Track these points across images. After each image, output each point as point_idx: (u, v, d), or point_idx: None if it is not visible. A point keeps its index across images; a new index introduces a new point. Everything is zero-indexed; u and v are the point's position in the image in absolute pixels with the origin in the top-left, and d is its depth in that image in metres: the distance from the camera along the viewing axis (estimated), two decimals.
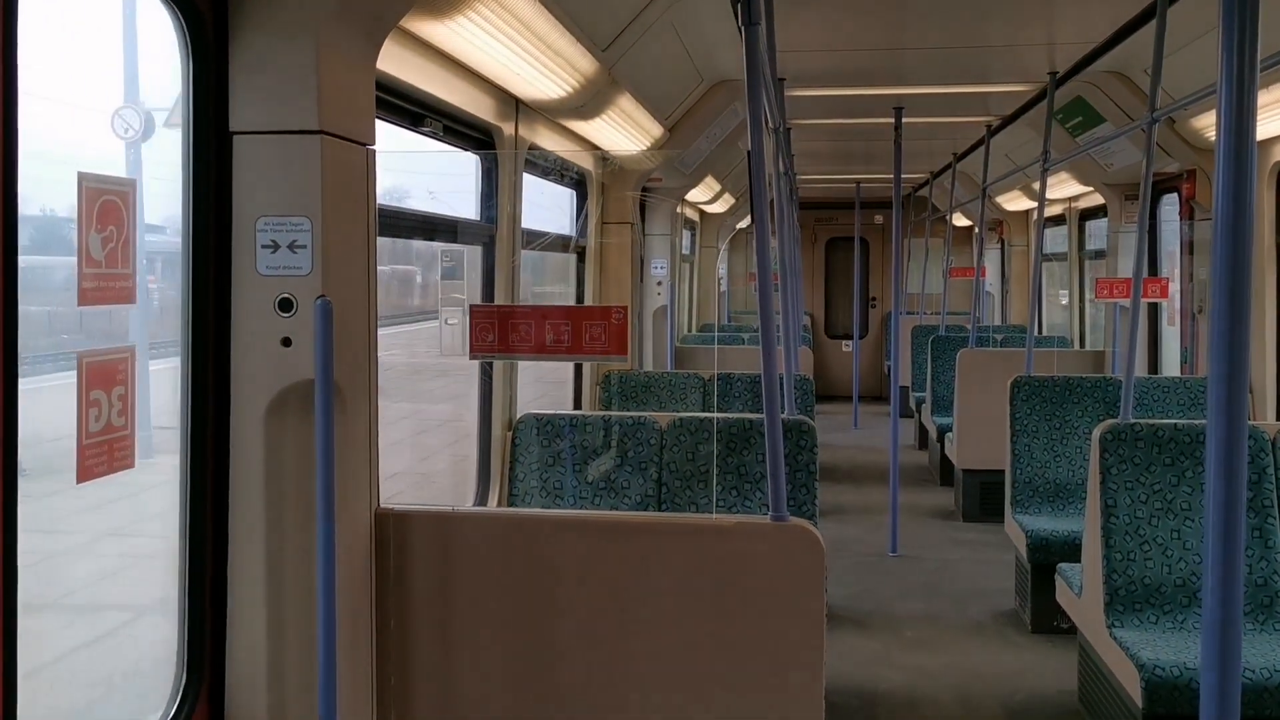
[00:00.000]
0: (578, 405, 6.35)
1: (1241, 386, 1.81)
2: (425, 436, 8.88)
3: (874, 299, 16.92)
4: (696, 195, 10.67)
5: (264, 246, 2.48)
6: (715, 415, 5.14)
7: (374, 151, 2.74)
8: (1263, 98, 5.05)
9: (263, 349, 2.51)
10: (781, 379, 5.02)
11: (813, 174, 12.79)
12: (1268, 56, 3.64)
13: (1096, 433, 4.42)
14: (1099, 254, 9.97)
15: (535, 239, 5.45)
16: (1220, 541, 1.79)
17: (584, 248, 6.48)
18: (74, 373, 2.04)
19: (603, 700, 2.84)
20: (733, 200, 12.22)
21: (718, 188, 10.91)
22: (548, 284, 7.03)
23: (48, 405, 2.18)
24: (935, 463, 9.91)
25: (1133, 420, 4.47)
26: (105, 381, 2.11)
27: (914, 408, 11.67)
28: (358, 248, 2.66)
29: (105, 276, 2.11)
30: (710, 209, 12.54)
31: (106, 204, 2.11)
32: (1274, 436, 4.28)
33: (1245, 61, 1.76)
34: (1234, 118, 1.75)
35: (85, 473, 2.07)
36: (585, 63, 4.42)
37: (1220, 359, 1.78)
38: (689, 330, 12.20)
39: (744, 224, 13.95)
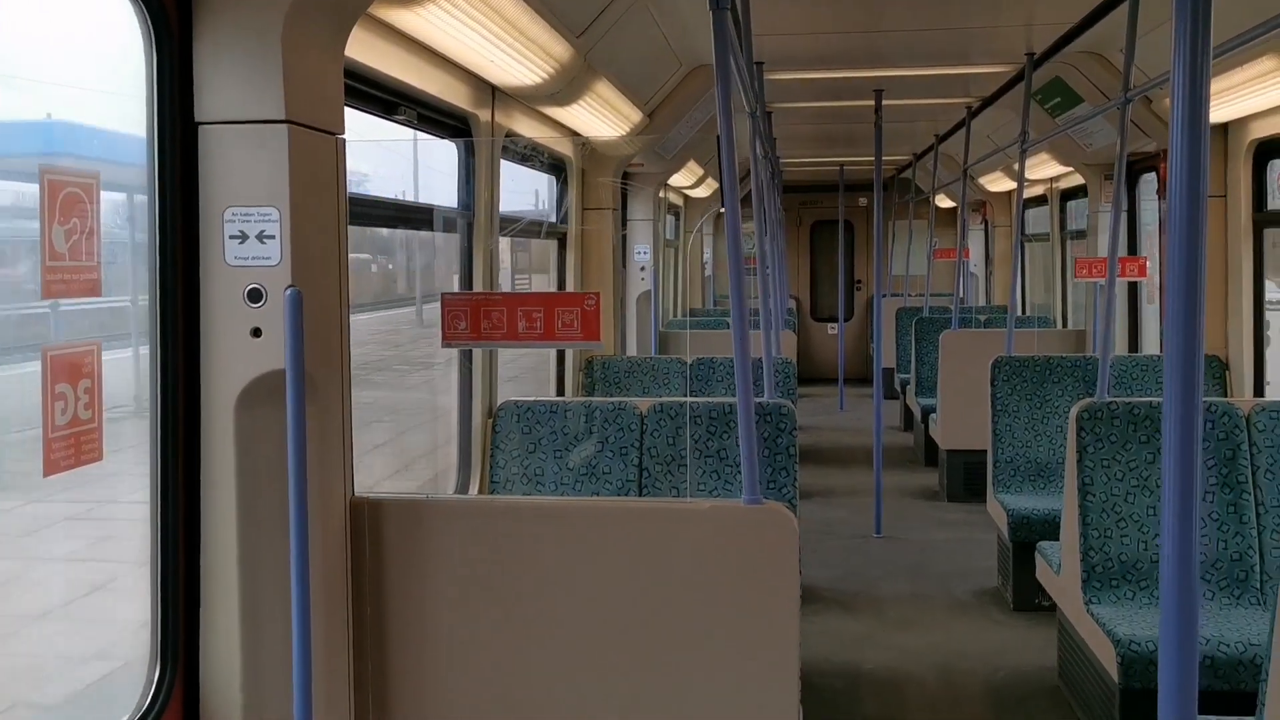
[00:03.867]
0: (560, 391, 6.35)
1: (1196, 362, 1.82)
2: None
3: (859, 281, 16.95)
4: (680, 180, 10.67)
5: (232, 237, 2.48)
6: (688, 399, 5.16)
7: (344, 140, 2.74)
8: (1236, 77, 5.08)
9: (232, 339, 2.51)
10: (762, 362, 5.03)
11: (796, 157, 12.78)
12: (1223, 42, 3.66)
13: (1073, 411, 4.45)
14: (1080, 234, 10.01)
15: (514, 225, 5.45)
16: (1177, 517, 1.81)
17: (565, 234, 6.48)
18: None
19: (581, 684, 2.85)
20: (717, 184, 12.22)
21: (700, 172, 10.90)
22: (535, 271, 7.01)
23: None
24: (920, 444, 9.95)
25: (1109, 398, 4.49)
26: (71, 375, 2.12)
27: (899, 389, 11.71)
28: (328, 237, 2.66)
29: (69, 270, 2.11)
30: (694, 194, 12.54)
31: (69, 196, 2.10)
32: (1248, 413, 4.30)
33: (1199, 44, 1.78)
34: (1187, 100, 1.77)
35: (51, 466, 2.07)
36: (560, 49, 4.42)
37: (1176, 333, 1.80)
38: (675, 315, 12.21)
39: None
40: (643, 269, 8.69)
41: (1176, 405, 1.80)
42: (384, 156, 4.77)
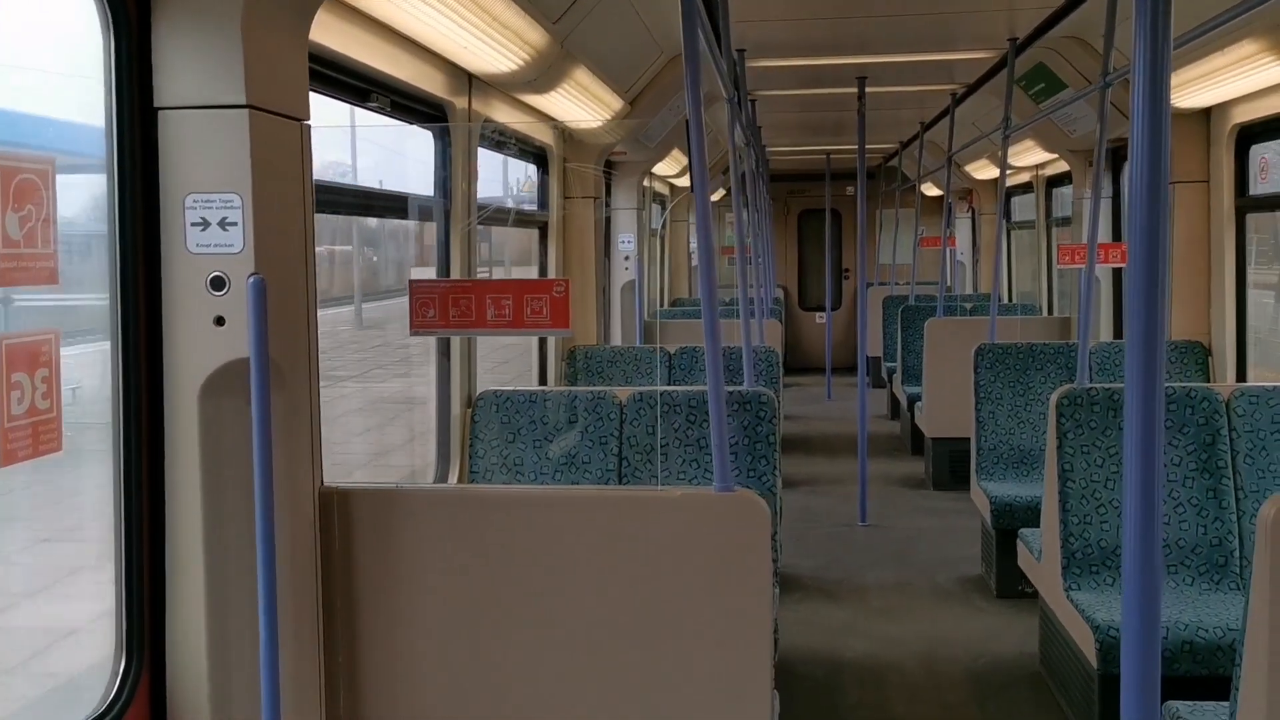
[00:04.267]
0: (543, 380, 6.33)
1: (1158, 348, 1.81)
2: None
3: (847, 270, 16.93)
4: (665, 169, 10.62)
5: (193, 224, 2.45)
6: (660, 388, 5.14)
7: (309, 127, 2.70)
8: (1218, 60, 5.07)
9: (195, 328, 2.48)
10: (739, 350, 5.01)
11: (782, 146, 12.75)
12: (1188, 30, 3.65)
13: (1053, 398, 4.44)
14: (1066, 221, 10.00)
15: (484, 210, 5.41)
16: (1138, 505, 1.79)
17: (546, 223, 6.45)
18: None
19: (555, 672, 2.84)
20: None
21: (685, 161, 10.87)
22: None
23: None
24: (906, 432, 9.95)
25: (1089, 385, 4.48)
26: (28, 364, 2.08)
27: (886, 378, 11.71)
28: (293, 224, 2.63)
29: (24, 257, 2.08)
30: (680, 182, 12.50)
31: (23, 183, 2.07)
32: (1228, 397, 4.30)
33: (1159, 32, 1.76)
34: (1148, 86, 1.76)
35: (8, 456, 2.04)
36: (536, 36, 4.38)
37: (1137, 319, 1.79)
38: (660, 305, 12.18)
39: (715, 196, 13.91)
40: (627, 258, 8.66)
41: (1138, 391, 1.79)
42: (353, 144, 4.73)
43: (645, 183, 9.68)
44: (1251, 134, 6.04)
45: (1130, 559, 1.83)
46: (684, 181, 12.45)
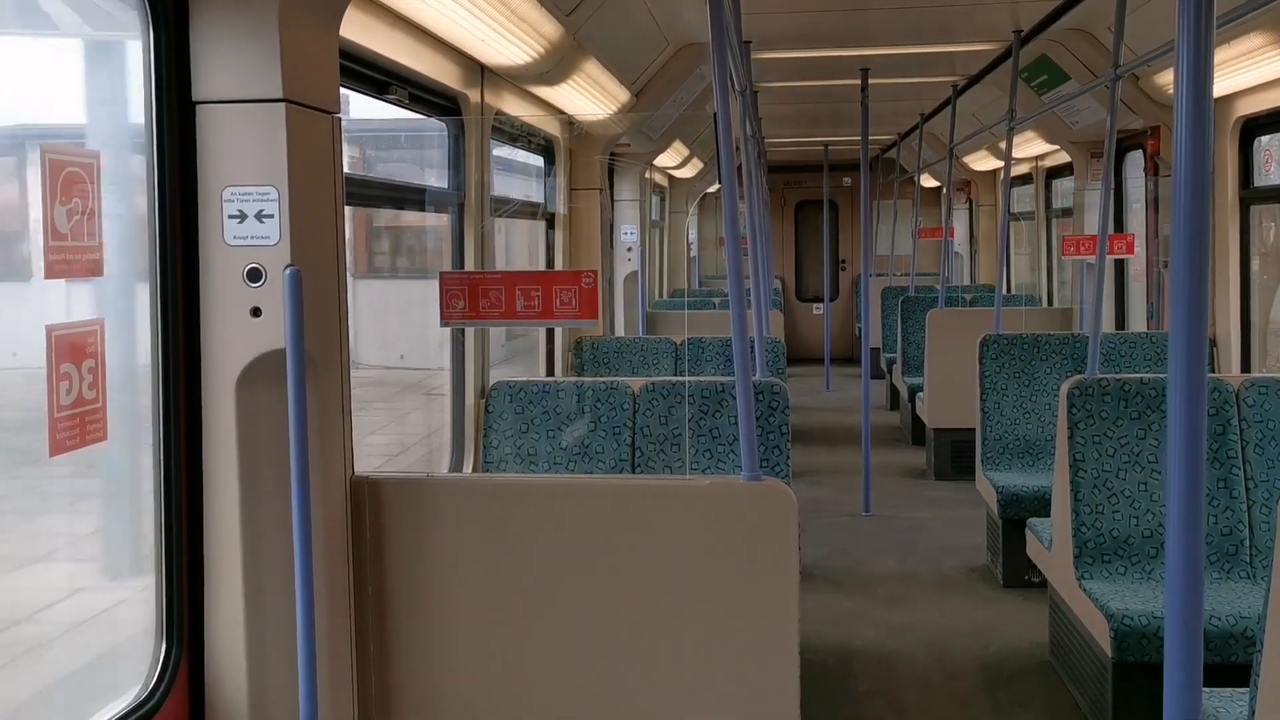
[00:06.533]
0: (550, 372, 6.36)
1: (1201, 338, 1.84)
2: None
3: (844, 261, 16.98)
4: (665, 160, 10.66)
5: (231, 217, 2.47)
6: (687, 379, 5.17)
7: (340, 120, 2.73)
8: (1224, 53, 5.10)
9: (232, 319, 2.50)
10: (752, 342, 5.04)
11: (781, 137, 12.77)
12: (1225, 13, 3.67)
13: (1064, 388, 4.47)
14: (1066, 212, 10.04)
15: (503, 205, 5.43)
16: (1184, 493, 1.82)
17: (553, 214, 6.47)
18: None
19: (582, 660, 2.87)
20: (701, 164, 12.22)
21: (686, 152, 10.90)
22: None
23: None
24: (907, 423, 9.99)
25: (1099, 375, 4.52)
26: (75, 355, 2.11)
27: (885, 369, 11.75)
28: (325, 216, 2.66)
29: (71, 249, 2.10)
30: (679, 174, 12.53)
31: (70, 176, 2.09)
32: (1238, 388, 4.34)
33: (1203, 18, 1.78)
34: (1192, 75, 1.77)
35: (57, 446, 2.06)
36: (550, 27, 4.40)
37: (1180, 310, 1.82)
38: (660, 296, 12.22)
39: (713, 188, 13.94)
40: (629, 249, 8.69)
41: (1182, 381, 1.81)
42: None
43: (646, 174, 9.72)
44: (1256, 126, 6.09)
45: (1174, 550, 1.86)
46: (683, 173, 12.48)
